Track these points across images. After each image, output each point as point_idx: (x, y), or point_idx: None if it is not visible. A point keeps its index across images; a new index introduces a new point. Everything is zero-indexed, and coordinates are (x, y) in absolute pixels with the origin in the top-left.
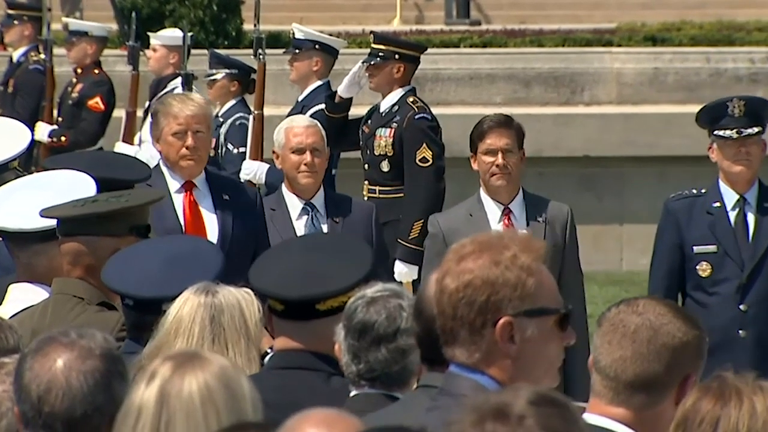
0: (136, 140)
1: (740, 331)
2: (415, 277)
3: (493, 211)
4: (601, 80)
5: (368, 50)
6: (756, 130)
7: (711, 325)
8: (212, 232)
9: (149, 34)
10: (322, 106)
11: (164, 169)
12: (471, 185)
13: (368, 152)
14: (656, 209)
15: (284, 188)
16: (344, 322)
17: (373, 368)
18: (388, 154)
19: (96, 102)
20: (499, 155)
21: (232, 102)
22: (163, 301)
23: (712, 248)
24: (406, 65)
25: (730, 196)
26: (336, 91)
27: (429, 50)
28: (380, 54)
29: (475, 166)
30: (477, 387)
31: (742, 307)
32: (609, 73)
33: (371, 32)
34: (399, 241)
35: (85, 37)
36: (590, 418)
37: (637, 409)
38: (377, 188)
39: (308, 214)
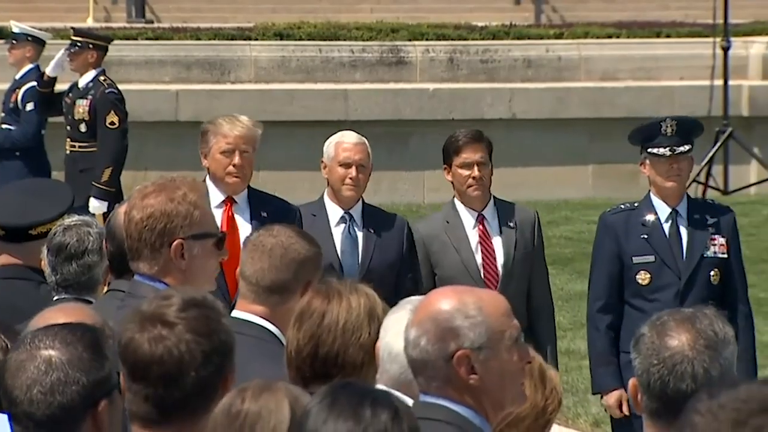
0: None
1: None
2: (105, 210)
3: (467, 217)
4: (242, 65)
5: (69, 41)
6: (687, 147)
7: None
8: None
9: None
10: (35, 83)
11: (210, 183)
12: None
13: (70, 117)
14: (285, 159)
15: (326, 196)
16: (47, 243)
17: (67, 279)
18: (85, 119)
19: None
20: (475, 168)
21: None
22: None
23: (650, 258)
24: (98, 52)
25: (663, 209)
26: (45, 72)
27: (115, 41)
28: (78, 44)
29: (448, 178)
30: (155, 291)
31: None
32: (248, 60)
33: (71, 28)
34: (93, 183)
35: None
36: (237, 314)
37: (272, 306)
38: (77, 144)
39: (346, 223)
